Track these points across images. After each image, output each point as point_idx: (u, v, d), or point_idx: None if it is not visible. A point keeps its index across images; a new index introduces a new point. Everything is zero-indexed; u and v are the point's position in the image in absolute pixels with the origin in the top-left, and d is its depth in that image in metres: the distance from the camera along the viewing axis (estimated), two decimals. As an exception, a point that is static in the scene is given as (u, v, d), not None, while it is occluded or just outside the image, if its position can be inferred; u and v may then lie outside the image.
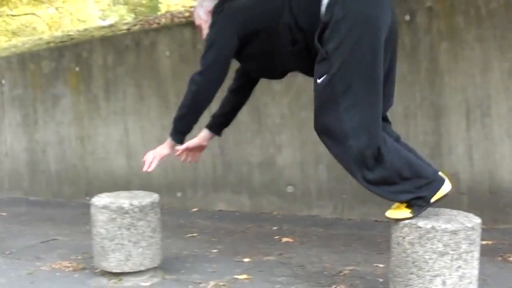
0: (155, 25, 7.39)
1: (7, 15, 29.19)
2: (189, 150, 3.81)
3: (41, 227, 5.78)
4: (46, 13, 30.52)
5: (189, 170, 6.32)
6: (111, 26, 9.21)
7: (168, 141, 3.55)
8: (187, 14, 7.89)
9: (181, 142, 3.55)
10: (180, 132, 3.51)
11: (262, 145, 5.90)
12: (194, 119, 3.44)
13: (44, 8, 28.19)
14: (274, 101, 5.79)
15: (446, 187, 2.88)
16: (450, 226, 2.66)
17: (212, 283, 3.68)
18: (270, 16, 3.06)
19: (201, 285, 3.67)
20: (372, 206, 5.29)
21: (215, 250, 4.51)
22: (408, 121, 5.10)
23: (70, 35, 9.85)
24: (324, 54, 2.83)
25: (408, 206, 2.86)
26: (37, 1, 25.29)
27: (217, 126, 3.84)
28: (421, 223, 2.72)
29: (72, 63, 7.16)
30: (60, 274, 4.06)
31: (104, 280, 3.82)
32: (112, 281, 3.78)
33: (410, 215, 2.81)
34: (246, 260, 4.18)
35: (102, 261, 3.76)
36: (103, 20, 29.71)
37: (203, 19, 3.51)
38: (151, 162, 3.61)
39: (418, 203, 2.84)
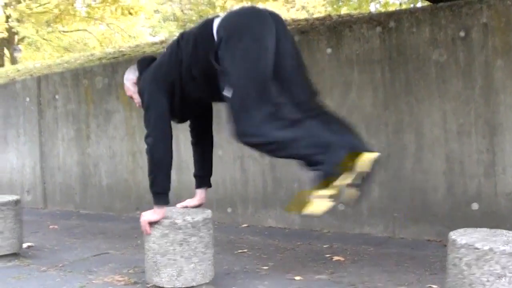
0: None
1: (60, 31, 29.82)
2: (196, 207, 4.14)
3: (92, 240, 5.85)
4: (97, 30, 31.10)
5: (239, 186, 6.33)
6: (162, 42, 9.33)
7: (155, 209, 3.68)
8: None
9: (166, 203, 3.72)
10: (159, 194, 3.71)
11: (313, 162, 5.87)
12: (165, 178, 3.71)
13: (95, 25, 28.73)
14: (325, 118, 5.76)
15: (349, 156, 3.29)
16: (508, 248, 2.60)
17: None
18: (175, 67, 3.62)
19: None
20: (425, 225, 5.21)
21: (265, 267, 4.48)
22: (462, 139, 5.02)
23: (121, 51, 10.01)
24: (223, 69, 3.35)
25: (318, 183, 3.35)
26: (89, 18, 25.76)
27: (202, 181, 4.26)
28: (478, 244, 2.67)
29: (125, 79, 7.26)
30: (112, 288, 4.10)
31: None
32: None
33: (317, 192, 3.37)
34: (297, 278, 4.15)
35: (154, 276, 3.77)
36: (154, 36, 30.16)
37: (131, 90, 4.02)
38: (147, 230, 3.74)
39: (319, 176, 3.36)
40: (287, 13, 19.36)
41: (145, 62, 3.94)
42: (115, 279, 4.28)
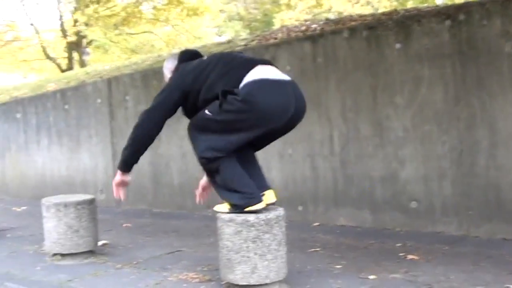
0: (272, 40, 7.45)
1: (127, 33, 30.35)
2: (203, 189, 4.66)
3: (165, 238, 5.94)
4: (163, 31, 31.51)
5: (310, 184, 6.31)
6: (228, 42, 9.37)
7: (118, 171, 4.22)
8: (303, 28, 7.92)
9: (126, 170, 4.22)
10: (124, 162, 4.17)
11: (384, 159, 5.81)
12: (136, 154, 4.14)
13: (161, 27, 29.12)
14: (397, 114, 5.70)
15: (258, 206, 3.79)
16: None
17: (336, 299, 3.66)
18: (199, 80, 3.89)
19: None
20: (500, 223, 5.10)
21: (338, 266, 4.46)
22: None
23: (190, 51, 10.10)
24: (220, 104, 3.74)
25: (229, 206, 3.87)
26: (155, 20, 26.16)
27: None
28: None
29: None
30: (187, 285, 4.14)
31: (232, 293, 3.87)
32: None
33: (227, 211, 3.86)
34: (371, 277, 4.12)
35: (228, 273, 3.81)
36: (219, 36, 30.34)
37: (168, 78, 4.26)
38: (117, 193, 4.34)
39: (235, 208, 3.82)
40: (352, 9, 19.17)
41: (186, 55, 4.24)
42: (189, 277, 4.33)
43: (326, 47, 6.19)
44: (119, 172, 4.22)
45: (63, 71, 29.14)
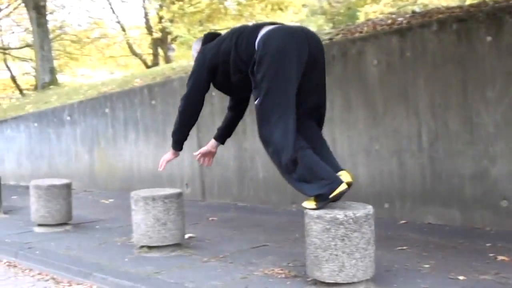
0: (357, 34, 7.35)
1: (210, 29, 30.62)
2: (202, 155, 5.05)
3: (250, 232, 5.95)
4: (247, 25, 31.62)
5: (397, 181, 6.20)
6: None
7: (171, 150, 4.81)
8: (389, 21, 7.78)
9: (179, 149, 4.80)
10: (176, 142, 4.76)
11: (474, 156, 5.64)
12: (185, 132, 4.70)
13: (245, 22, 29.28)
14: (488, 110, 5.52)
15: (341, 188, 3.81)
16: None
17: (427, 300, 3.57)
18: (223, 54, 4.29)
19: (415, 301, 3.58)
20: None
21: (427, 265, 4.37)
22: None
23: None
24: (255, 83, 4.06)
25: (315, 200, 3.85)
26: (239, 16, 26.31)
27: (221, 136, 5.08)
28: None
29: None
30: (273, 281, 4.14)
31: (316, 290, 3.84)
32: (324, 291, 3.79)
33: (315, 207, 3.83)
34: (461, 278, 4.01)
35: (315, 270, 3.78)
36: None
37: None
38: (162, 165, 4.84)
39: (320, 198, 3.82)
40: (437, 1, 18.71)
41: (208, 37, 4.67)
42: (275, 272, 4.33)
43: (414, 41, 6.06)
44: (172, 151, 4.81)
45: (148, 67, 29.75)
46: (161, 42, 31.54)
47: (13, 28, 35.48)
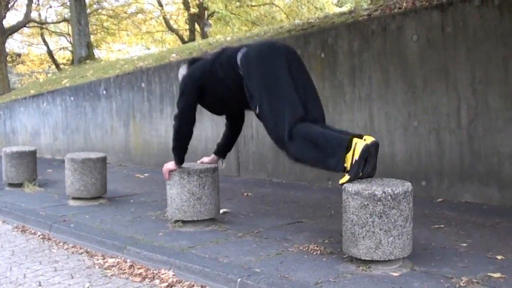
0: (396, 10, 7.21)
1: (248, 5, 30.53)
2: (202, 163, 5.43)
3: (286, 208, 5.92)
4: (284, 3, 31.46)
5: (434, 159, 6.09)
6: (350, 12, 9.17)
7: (174, 164, 5.10)
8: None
9: (180, 162, 5.11)
10: (178, 157, 5.07)
11: (515, 135, 5.51)
12: (183, 147, 5.05)
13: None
14: (531, 87, 5.38)
15: (360, 146, 3.84)
16: None
17: (464, 279, 3.50)
18: (210, 74, 4.75)
19: (452, 280, 3.52)
20: None
21: (464, 244, 4.29)
22: None
23: (310, 22, 9.97)
24: (249, 96, 4.46)
25: (346, 172, 3.89)
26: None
27: (221, 152, 5.51)
28: None
29: (317, 50, 7.22)
30: (308, 257, 4.10)
31: (352, 267, 3.80)
32: (361, 268, 3.74)
33: (348, 177, 3.85)
34: (499, 257, 3.94)
35: (352, 247, 3.73)
36: (340, 7, 29.93)
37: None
38: (165, 175, 5.17)
39: (352, 168, 3.85)
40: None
41: (193, 61, 5.10)
42: (310, 248, 4.29)
43: (455, 16, 5.92)
44: (174, 164, 5.09)
45: (184, 42, 29.76)
46: (198, 18, 31.52)
47: (50, 3, 35.69)
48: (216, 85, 4.78)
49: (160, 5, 34.39)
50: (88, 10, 27.39)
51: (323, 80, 7.10)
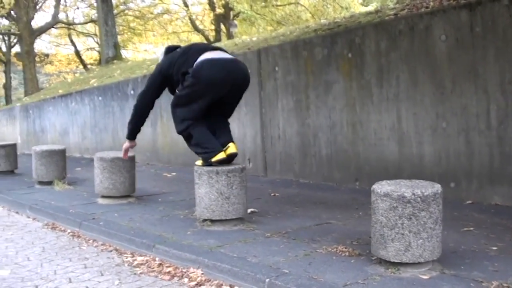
0: (423, 9, 7.17)
1: (273, 5, 30.52)
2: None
3: (313, 209, 5.91)
4: (309, 2, 31.39)
5: (463, 160, 6.04)
6: (377, 11, 9.13)
7: (127, 140, 6.11)
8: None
9: (132, 138, 6.06)
10: (129, 132, 6.01)
11: (546, 137, 5.45)
12: (137, 125, 5.91)
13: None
14: None
15: (219, 156, 5.15)
16: None
17: (495, 283, 3.48)
18: (177, 66, 5.40)
19: (483, 284, 3.50)
20: None
21: (494, 248, 4.25)
22: None
23: (336, 22, 9.96)
24: (180, 86, 5.37)
25: (202, 161, 5.29)
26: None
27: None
28: None
29: (344, 50, 7.20)
30: (336, 258, 4.10)
31: (381, 269, 3.79)
32: (390, 270, 3.73)
33: (201, 164, 5.27)
34: (530, 262, 3.90)
35: (381, 249, 3.72)
36: (365, 6, 29.80)
37: None
38: (124, 154, 6.29)
39: (204, 161, 5.26)
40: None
41: (170, 49, 5.76)
42: (338, 250, 4.28)
43: (484, 16, 5.87)
44: (128, 141, 6.07)
45: (210, 43, 29.81)
46: (224, 18, 31.60)
47: (78, 4, 35.99)
48: (178, 75, 5.41)
49: (186, 5, 34.50)
50: (115, 11, 27.56)
51: (351, 80, 7.09)
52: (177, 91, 5.42)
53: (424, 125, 6.32)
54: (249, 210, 5.60)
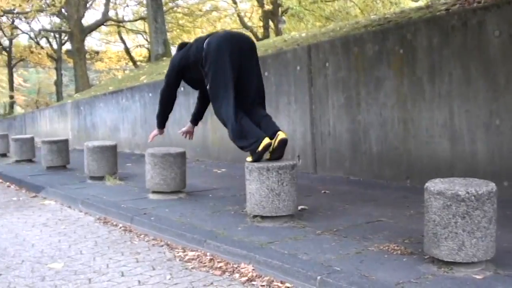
0: (475, 4, 7.05)
1: (322, 1, 30.42)
2: (185, 133, 6.90)
3: (364, 207, 5.87)
4: (359, -2, 31.18)
5: (518, 158, 5.94)
6: (428, 7, 9.02)
7: (156, 128, 6.82)
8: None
9: (162, 127, 6.81)
10: (159, 123, 6.74)
11: None
12: (164, 116, 6.69)
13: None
14: None
15: (264, 142, 5.29)
16: None
17: (551, 284, 3.41)
18: (189, 57, 6.04)
19: (539, 285, 3.42)
20: None
21: (550, 248, 4.17)
22: None
23: (387, 18, 9.87)
24: (204, 73, 5.85)
25: (251, 155, 5.43)
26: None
27: (194, 120, 6.84)
28: None
29: (396, 46, 7.13)
30: (388, 257, 4.07)
31: (434, 268, 3.75)
32: (443, 269, 3.69)
33: (251, 160, 5.37)
34: None
35: (433, 248, 3.69)
36: (416, 1, 29.43)
37: None
38: (150, 138, 6.93)
39: (252, 153, 5.40)
40: None
41: (181, 45, 6.39)
42: (390, 248, 4.25)
43: (540, 11, 5.75)
44: (157, 129, 6.80)
45: (258, 39, 29.86)
46: (272, 14, 31.60)
47: (127, 1, 36.49)
48: (190, 67, 6.06)
49: (235, 2, 34.65)
50: (164, 8, 27.82)
51: (402, 76, 7.02)
52: (207, 87, 5.87)
53: (477, 123, 6.22)
54: (299, 207, 5.60)
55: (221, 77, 5.64)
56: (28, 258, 4.94)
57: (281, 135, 5.44)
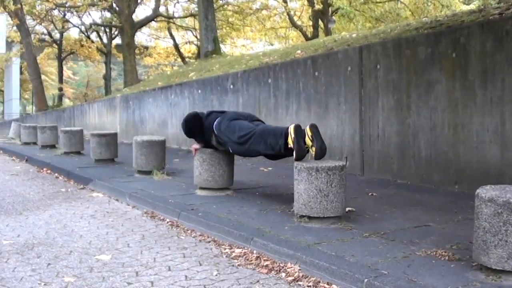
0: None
1: (372, 2, 30.23)
2: (195, 148, 7.16)
3: (411, 211, 5.84)
4: (409, 0, 30.87)
5: None
6: (480, 10, 8.92)
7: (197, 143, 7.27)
8: None
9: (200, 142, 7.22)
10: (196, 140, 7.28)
11: None
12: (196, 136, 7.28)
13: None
14: None
15: (292, 127, 5.76)
16: None
17: None
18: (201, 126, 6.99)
19: None
20: None
21: None
22: None
23: (438, 20, 9.77)
24: (221, 141, 6.74)
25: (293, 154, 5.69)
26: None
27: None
28: None
29: (449, 49, 7.07)
30: (436, 262, 4.05)
31: (482, 276, 3.71)
32: (491, 277, 3.66)
33: (296, 157, 5.58)
34: None
35: (482, 255, 3.66)
36: (467, 4, 29.01)
37: None
38: (194, 153, 7.21)
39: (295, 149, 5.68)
40: None
41: (208, 114, 7.12)
42: (438, 253, 4.22)
43: None
44: (197, 144, 7.15)
45: (307, 39, 29.85)
46: (322, 14, 31.54)
47: (178, -2, 36.83)
48: (206, 134, 6.90)
49: (285, 1, 34.67)
50: (215, 6, 27.99)
51: (454, 80, 6.95)
52: (229, 148, 6.65)
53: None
54: (346, 209, 5.60)
55: (235, 122, 6.55)
56: (76, 249, 5.04)
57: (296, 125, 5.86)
